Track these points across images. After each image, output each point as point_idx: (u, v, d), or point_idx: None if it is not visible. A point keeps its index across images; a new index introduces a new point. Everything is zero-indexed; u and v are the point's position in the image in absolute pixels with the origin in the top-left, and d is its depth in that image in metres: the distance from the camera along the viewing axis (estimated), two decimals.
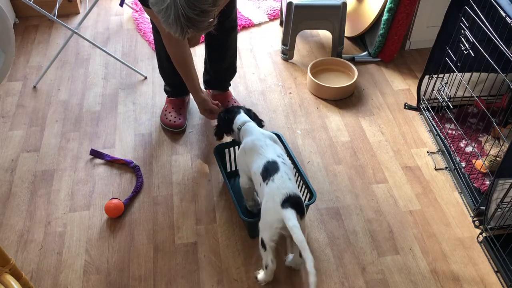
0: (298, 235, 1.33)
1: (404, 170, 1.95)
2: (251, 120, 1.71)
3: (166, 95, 2.18)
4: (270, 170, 1.49)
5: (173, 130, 2.09)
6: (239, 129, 1.69)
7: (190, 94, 2.23)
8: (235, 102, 2.18)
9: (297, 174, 1.74)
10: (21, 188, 1.88)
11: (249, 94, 2.31)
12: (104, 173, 1.93)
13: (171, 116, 2.10)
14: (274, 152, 1.55)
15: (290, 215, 1.37)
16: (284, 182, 1.46)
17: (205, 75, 2.19)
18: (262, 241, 1.46)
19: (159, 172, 1.94)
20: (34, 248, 1.68)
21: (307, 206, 1.68)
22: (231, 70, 2.17)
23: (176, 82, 2.07)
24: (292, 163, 1.76)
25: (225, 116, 1.76)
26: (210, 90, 2.22)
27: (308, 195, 1.69)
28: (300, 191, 1.73)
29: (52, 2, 2.61)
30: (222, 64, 2.11)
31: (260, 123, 1.76)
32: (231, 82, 2.24)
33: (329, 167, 1.96)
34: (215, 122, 2.15)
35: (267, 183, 1.48)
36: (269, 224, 1.43)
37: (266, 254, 1.47)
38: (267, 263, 1.49)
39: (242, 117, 1.72)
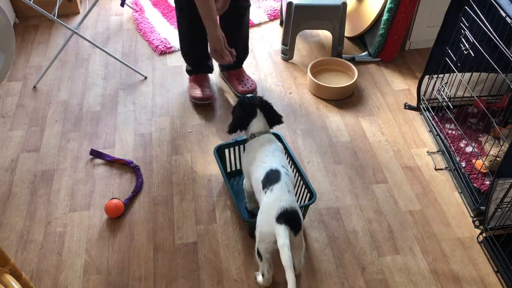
0: (285, 255, 1.29)
1: (404, 170, 1.95)
2: (268, 131, 1.64)
3: (187, 75, 2.30)
4: (271, 178, 1.45)
5: (203, 103, 2.21)
6: (252, 137, 1.62)
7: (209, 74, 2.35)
8: (248, 78, 2.29)
9: (297, 174, 1.74)
10: (21, 188, 1.88)
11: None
12: (104, 173, 1.93)
13: (199, 90, 2.21)
14: (280, 162, 1.51)
15: (281, 233, 1.33)
16: (283, 194, 1.41)
17: None
18: (258, 252, 1.45)
19: (159, 172, 1.94)
20: (34, 248, 1.68)
21: (307, 206, 1.68)
22: (245, 50, 2.28)
23: (196, 61, 2.23)
24: (292, 163, 1.76)
25: (241, 116, 1.66)
26: (225, 71, 2.34)
27: (308, 195, 1.69)
28: (300, 191, 1.74)
29: (52, 2, 2.61)
30: (237, 42, 2.18)
31: (278, 119, 1.68)
32: None
33: (329, 167, 1.96)
34: (215, 120, 2.16)
35: (265, 192, 1.44)
36: (263, 237, 1.41)
37: (262, 264, 1.47)
38: (263, 272, 1.48)
39: (258, 124, 1.63)
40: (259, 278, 1.54)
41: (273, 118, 1.67)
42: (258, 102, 1.65)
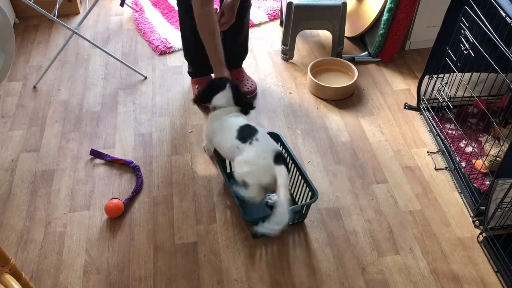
0: (284, 194, 1.46)
1: (404, 170, 1.95)
2: (232, 106, 1.74)
3: (188, 78, 2.32)
4: (248, 131, 1.59)
5: None
6: (213, 109, 1.75)
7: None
8: (248, 78, 2.29)
9: (298, 173, 1.75)
10: (21, 188, 1.88)
11: None
12: (104, 173, 1.93)
13: None
14: (246, 121, 1.65)
15: (283, 173, 1.49)
16: (269, 140, 1.58)
17: None
18: (245, 183, 1.55)
19: (159, 172, 1.94)
20: (34, 248, 1.68)
21: (309, 205, 1.68)
22: (245, 48, 2.30)
23: (201, 63, 2.15)
24: (292, 163, 1.77)
25: (210, 87, 1.78)
26: None
27: (309, 194, 1.69)
28: (301, 191, 1.75)
29: (52, 2, 2.61)
30: (238, 40, 2.20)
31: (247, 107, 1.79)
32: None
33: (329, 167, 1.96)
34: None
35: (250, 143, 1.56)
36: (258, 177, 1.52)
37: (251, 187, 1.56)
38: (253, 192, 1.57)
39: (222, 98, 1.74)
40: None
41: (239, 98, 1.77)
42: (230, 82, 1.78)
